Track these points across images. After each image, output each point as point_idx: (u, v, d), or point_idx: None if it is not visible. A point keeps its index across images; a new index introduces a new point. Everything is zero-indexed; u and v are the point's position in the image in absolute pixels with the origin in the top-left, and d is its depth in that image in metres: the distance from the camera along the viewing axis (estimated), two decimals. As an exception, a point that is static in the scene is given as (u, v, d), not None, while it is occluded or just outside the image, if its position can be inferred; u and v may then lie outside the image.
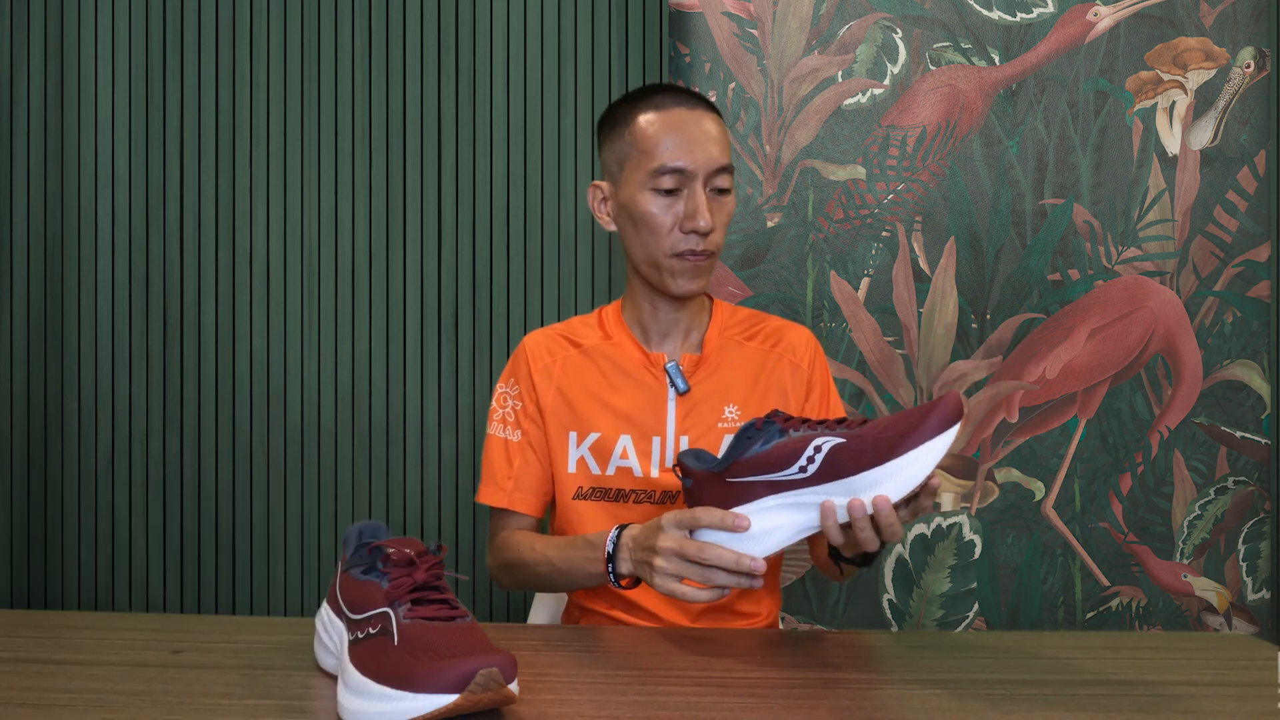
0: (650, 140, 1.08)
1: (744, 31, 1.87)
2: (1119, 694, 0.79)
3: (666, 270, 1.11)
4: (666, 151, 1.08)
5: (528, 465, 1.17)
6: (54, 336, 1.81)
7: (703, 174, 1.08)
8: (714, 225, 1.09)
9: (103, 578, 1.80)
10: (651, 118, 1.09)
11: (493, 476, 1.18)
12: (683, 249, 1.09)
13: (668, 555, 0.91)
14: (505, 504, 1.17)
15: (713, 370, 1.16)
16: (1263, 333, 1.89)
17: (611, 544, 0.99)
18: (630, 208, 1.11)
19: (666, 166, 1.07)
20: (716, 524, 0.88)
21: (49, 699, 0.75)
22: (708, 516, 0.89)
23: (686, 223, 1.08)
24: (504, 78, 1.80)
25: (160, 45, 1.80)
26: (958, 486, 1.89)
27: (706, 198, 1.09)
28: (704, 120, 1.10)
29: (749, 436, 0.89)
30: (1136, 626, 1.89)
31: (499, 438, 1.19)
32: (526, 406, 1.18)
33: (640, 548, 0.95)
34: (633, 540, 0.98)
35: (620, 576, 0.99)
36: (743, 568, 0.88)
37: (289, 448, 1.81)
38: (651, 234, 1.10)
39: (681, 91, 1.12)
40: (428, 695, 0.66)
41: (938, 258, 1.88)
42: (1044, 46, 1.87)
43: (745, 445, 0.89)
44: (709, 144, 1.08)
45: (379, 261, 1.81)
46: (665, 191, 1.08)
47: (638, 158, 1.10)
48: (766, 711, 0.74)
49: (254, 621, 1.01)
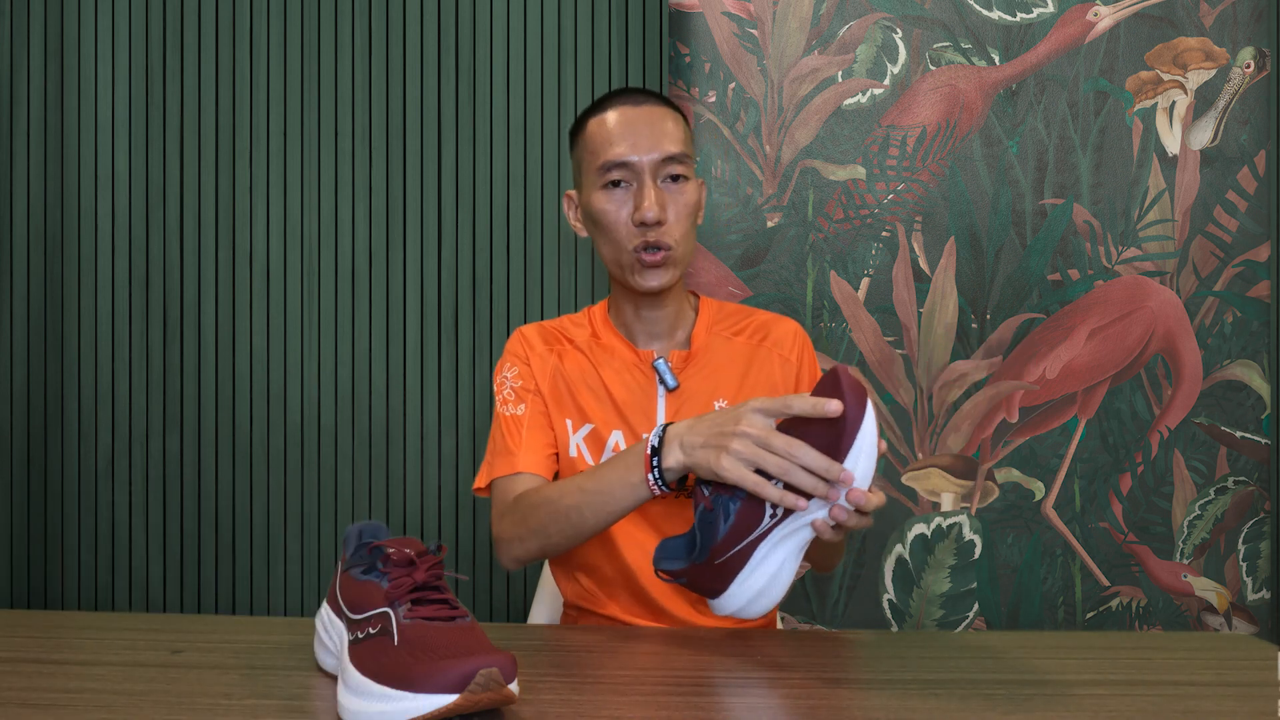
0: (597, 139, 1.11)
1: (744, 31, 1.87)
2: (1119, 694, 0.79)
3: (629, 268, 1.12)
4: (610, 148, 1.09)
5: (536, 431, 1.15)
6: (54, 336, 1.81)
7: (649, 165, 1.09)
8: (666, 216, 1.09)
9: (103, 578, 1.80)
10: (601, 119, 1.12)
11: (503, 448, 1.14)
12: (638, 243, 1.09)
13: (748, 439, 0.85)
14: (518, 468, 1.12)
15: (701, 365, 1.17)
16: (1263, 333, 1.89)
17: (657, 438, 0.94)
18: (589, 209, 1.13)
19: (610, 162, 1.09)
20: (809, 410, 0.83)
21: (49, 699, 0.75)
22: (800, 402, 0.84)
23: (635, 214, 1.09)
24: (504, 78, 1.80)
25: (160, 45, 1.80)
26: (958, 486, 1.89)
27: (658, 189, 1.09)
28: (650, 115, 1.10)
29: (709, 521, 0.87)
30: (1136, 626, 1.89)
31: (505, 415, 1.16)
32: (528, 384, 1.18)
33: (713, 429, 0.89)
34: (692, 425, 0.92)
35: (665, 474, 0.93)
36: (832, 474, 0.81)
37: (289, 448, 1.81)
38: (610, 231, 1.11)
39: (634, 91, 1.14)
40: (428, 695, 0.66)
41: (938, 258, 1.88)
42: (1044, 46, 1.87)
43: (711, 530, 0.87)
44: (655, 135, 1.09)
45: (379, 261, 1.81)
46: (613, 185, 1.10)
47: (589, 159, 1.12)
48: (766, 711, 0.74)
49: (254, 621, 1.01)
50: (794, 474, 0.82)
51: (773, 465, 0.83)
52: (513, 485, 1.12)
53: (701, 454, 0.89)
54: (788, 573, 0.87)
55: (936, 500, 1.89)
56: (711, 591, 0.90)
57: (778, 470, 0.83)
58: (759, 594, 0.87)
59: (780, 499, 0.82)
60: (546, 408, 1.17)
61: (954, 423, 1.88)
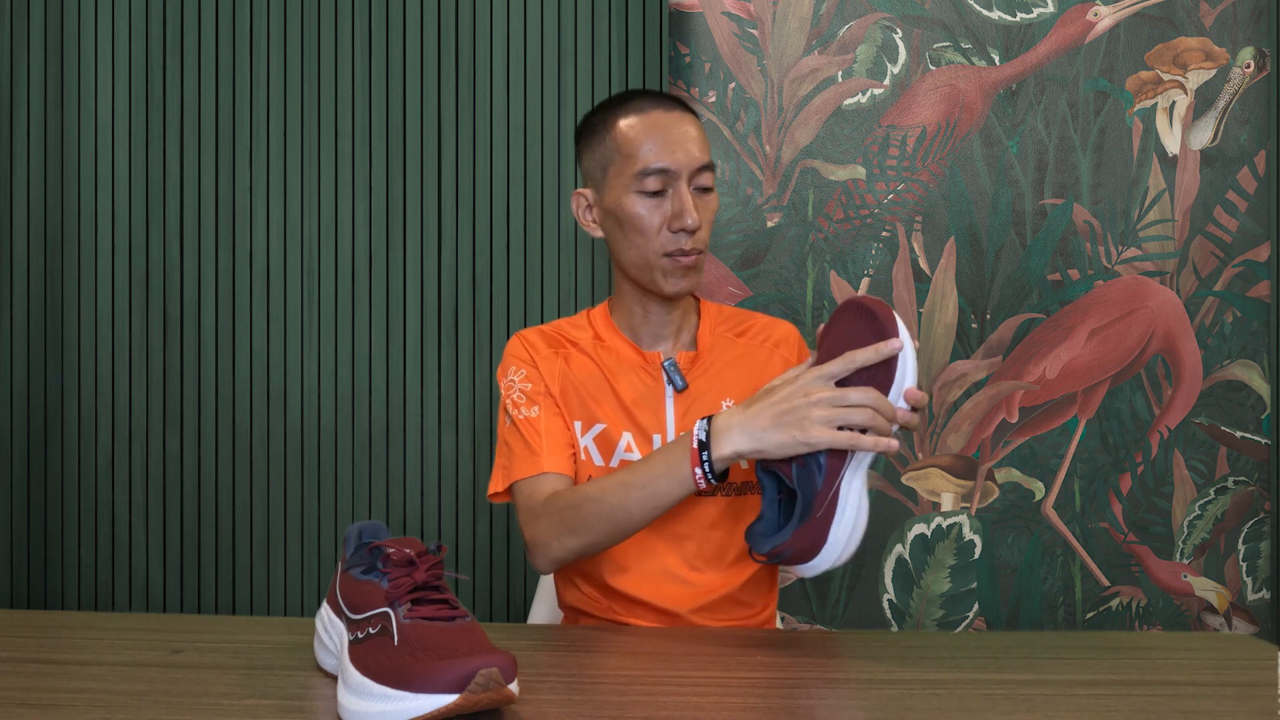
0: (632, 144, 1.10)
1: (744, 31, 1.87)
2: (1119, 694, 0.79)
3: (658, 270, 1.12)
4: (649, 153, 1.09)
5: (555, 432, 1.13)
6: (54, 336, 1.81)
7: (686, 173, 1.10)
8: (700, 223, 1.11)
9: (103, 578, 1.80)
10: (632, 121, 1.11)
11: (524, 451, 1.12)
12: (672, 249, 1.11)
13: (825, 404, 0.89)
14: (544, 468, 1.10)
15: (708, 366, 1.17)
16: (1263, 333, 1.89)
17: (704, 431, 0.96)
18: (617, 212, 1.12)
19: (650, 168, 1.09)
20: (873, 357, 0.90)
21: (49, 699, 0.75)
22: (862, 355, 0.90)
23: (674, 222, 1.10)
24: (504, 78, 1.80)
25: (160, 45, 1.80)
26: (958, 486, 1.89)
27: (691, 196, 1.10)
28: (683, 121, 1.12)
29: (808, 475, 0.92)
30: (1136, 626, 1.89)
31: (519, 419, 1.14)
32: (538, 386, 1.16)
33: (779, 408, 0.92)
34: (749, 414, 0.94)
35: (717, 465, 0.95)
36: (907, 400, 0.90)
37: (289, 448, 1.81)
38: (641, 236, 1.11)
39: (659, 95, 1.14)
40: (428, 695, 0.66)
41: (938, 258, 1.88)
42: (1044, 46, 1.87)
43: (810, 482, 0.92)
44: (689, 144, 1.11)
45: (379, 261, 1.81)
46: (650, 193, 1.10)
47: (621, 162, 1.11)
48: (766, 712, 0.74)
49: (254, 621, 1.01)
50: (878, 418, 0.89)
51: (858, 417, 0.89)
52: (538, 486, 1.10)
53: (777, 435, 0.92)
54: (866, 500, 0.93)
55: (936, 500, 1.89)
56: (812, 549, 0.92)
57: (864, 420, 0.88)
58: (853, 530, 0.91)
59: (875, 445, 0.88)
60: (559, 408, 1.16)
61: (954, 423, 1.88)
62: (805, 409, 0.90)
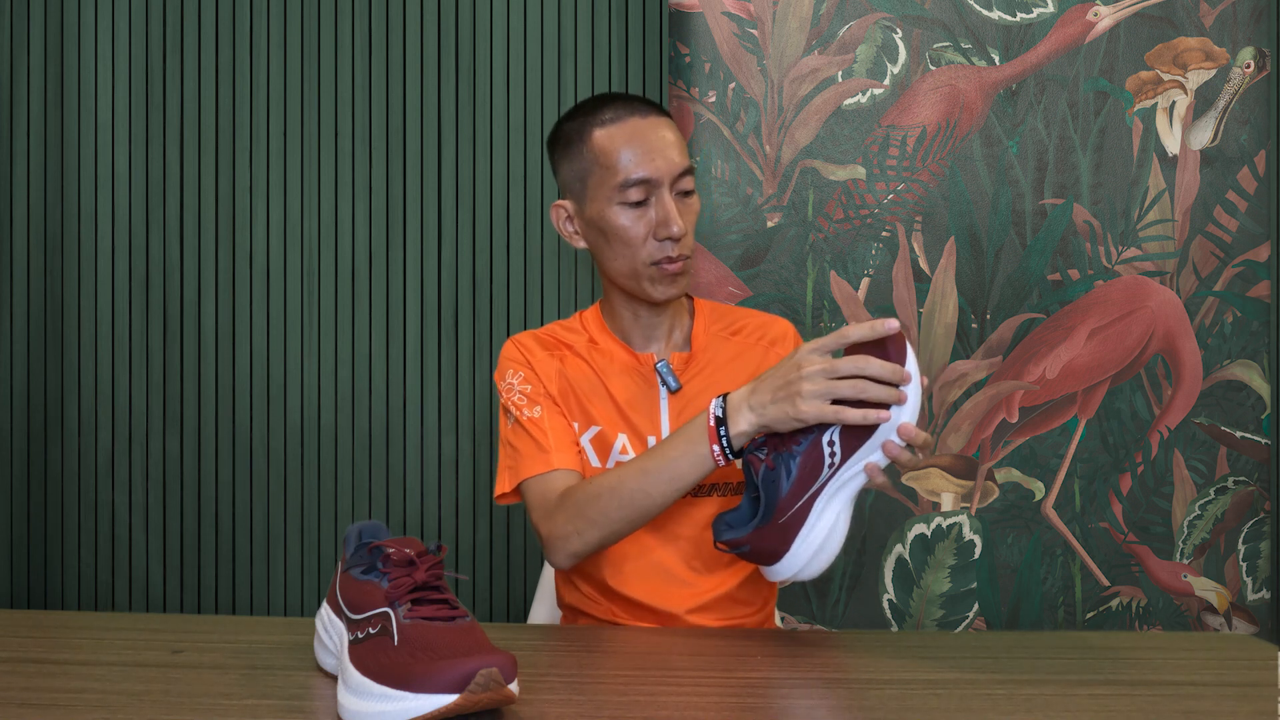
0: (610, 154, 1.09)
1: (744, 31, 1.87)
2: (1119, 694, 0.79)
3: (646, 279, 1.12)
4: (629, 164, 1.09)
5: (560, 431, 1.13)
6: (54, 336, 1.81)
7: (667, 180, 1.09)
8: (685, 229, 1.10)
9: (103, 578, 1.80)
10: (609, 131, 1.10)
11: (532, 449, 1.11)
12: (659, 257, 1.10)
13: (816, 376, 0.89)
14: (554, 465, 1.10)
15: (703, 367, 1.17)
16: (1263, 333, 1.89)
17: (719, 409, 0.96)
18: (600, 224, 1.12)
19: (632, 179, 1.08)
20: (867, 332, 0.89)
21: (49, 699, 0.75)
22: (855, 330, 0.89)
23: (660, 231, 1.09)
24: (504, 78, 1.80)
25: (160, 45, 1.80)
26: (958, 486, 1.89)
27: (674, 202, 1.10)
28: (659, 126, 1.11)
29: (773, 480, 0.90)
30: (1136, 626, 1.89)
31: (524, 419, 1.13)
32: (538, 388, 1.16)
33: (776, 383, 0.92)
34: (754, 388, 0.94)
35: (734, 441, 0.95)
36: (898, 376, 0.87)
37: (289, 448, 1.81)
38: (627, 247, 1.11)
39: (631, 99, 1.13)
40: (428, 695, 0.66)
41: (938, 258, 1.88)
42: (1044, 46, 1.87)
43: (775, 488, 0.90)
44: (669, 150, 1.10)
45: (379, 261, 1.81)
46: (633, 204, 1.10)
47: (600, 173, 1.10)
48: (766, 712, 0.74)
49: (254, 621, 1.01)
50: (869, 389, 0.87)
51: (847, 389, 0.87)
52: (550, 484, 1.10)
53: (775, 409, 0.91)
54: (843, 525, 0.91)
55: (936, 500, 1.89)
56: (773, 555, 0.92)
57: (853, 391, 0.87)
58: (819, 549, 0.90)
59: (863, 417, 0.87)
60: (560, 408, 1.16)
61: (954, 423, 1.88)
62: (796, 383, 0.90)
